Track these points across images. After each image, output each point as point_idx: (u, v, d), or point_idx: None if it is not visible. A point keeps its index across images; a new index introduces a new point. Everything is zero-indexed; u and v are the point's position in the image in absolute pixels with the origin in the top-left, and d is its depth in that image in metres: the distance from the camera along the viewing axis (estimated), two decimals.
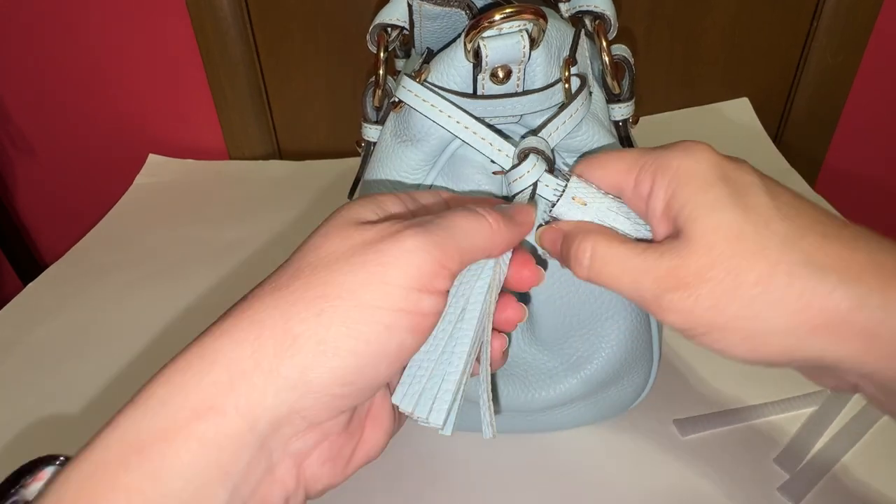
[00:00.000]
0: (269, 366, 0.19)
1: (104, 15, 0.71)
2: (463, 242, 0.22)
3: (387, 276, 0.20)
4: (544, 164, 0.28)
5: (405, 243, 0.21)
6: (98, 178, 0.82)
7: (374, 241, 0.21)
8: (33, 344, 0.50)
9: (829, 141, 0.80)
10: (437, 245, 0.21)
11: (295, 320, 0.20)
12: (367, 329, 0.20)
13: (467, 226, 0.23)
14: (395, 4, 0.33)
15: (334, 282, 0.20)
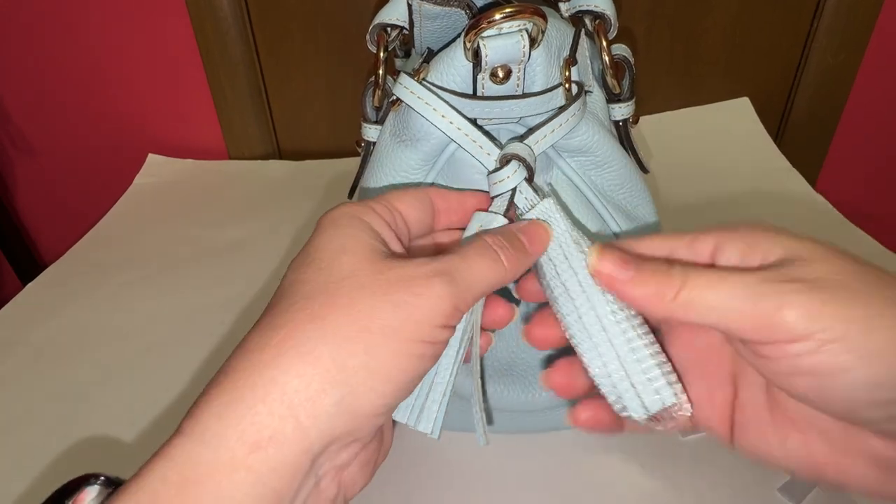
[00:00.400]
0: (323, 397, 0.21)
1: (104, 15, 0.71)
2: (479, 287, 0.24)
3: (420, 317, 0.22)
4: (524, 171, 0.28)
5: (435, 290, 0.23)
6: (98, 178, 0.82)
7: (408, 282, 0.23)
8: (33, 344, 0.50)
9: (830, 141, 0.80)
10: (458, 294, 0.23)
11: (345, 354, 0.21)
12: (405, 360, 0.22)
13: (486, 270, 0.24)
14: (395, 4, 0.33)
15: (376, 317, 0.22)
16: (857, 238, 0.56)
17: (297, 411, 0.20)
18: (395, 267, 0.23)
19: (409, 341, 0.22)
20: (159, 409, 0.43)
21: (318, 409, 0.21)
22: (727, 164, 0.68)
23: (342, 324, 0.22)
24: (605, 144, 0.32)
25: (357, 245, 0.24)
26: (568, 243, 0.26)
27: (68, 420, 0.43)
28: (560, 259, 0.26)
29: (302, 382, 0.21)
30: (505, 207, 0.28)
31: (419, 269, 0.23)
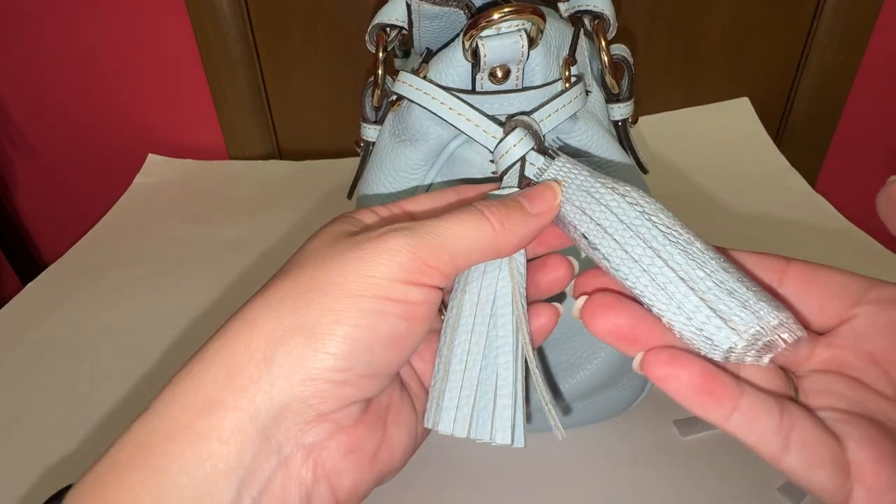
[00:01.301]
0: (262, 357, 0.20)
1: (104, 15, 0.71)
2: (457, 245, 0.22)
3: (370, 270, 0.21)
4: (531, 140, 0.27)
5: (389, 242, 0.21)
6: (98, 178, 0.82)
7: (360, 241, 0.22)
8: (33, 344, 0.50)
9: (830, 141, 0.80)
10: (423, 245, 0.21)
11: (285, 312, 0.21)
12: (356, 315, 0.21)
13: (464, 227, 0.22)
14: (394, 4, 0.33)
15: (321, 277, 0.21)
16: (857, 238, 0.56)
17: (235, 375, 0.20)
18: (353, 236, 0.22)
19: (359, 297, 0.21)
20: None
21: (259, 371, 0.20)
22: (727, 164, 0.68)
23: (286, 288, 0.21)
24: (605, 144, 0.32)
25: (328, 231, 0.24)
26: (593, 185, 0.24)
27: (68, 420, 0.43)
28: (588, 202, 0.23)
29: (240, 347, 0.20)
30: (517, 180, 0.26)
31: (376, 231, 0.22)
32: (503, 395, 0.23)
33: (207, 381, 0.20)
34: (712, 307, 0.19)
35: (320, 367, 0.20)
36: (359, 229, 0.24)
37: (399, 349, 0.22)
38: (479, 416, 0.22)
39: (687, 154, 0.69)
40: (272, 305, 0.21)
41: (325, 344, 0.20)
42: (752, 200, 0.62)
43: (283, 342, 0.20)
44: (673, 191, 0.63)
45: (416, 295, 0.21)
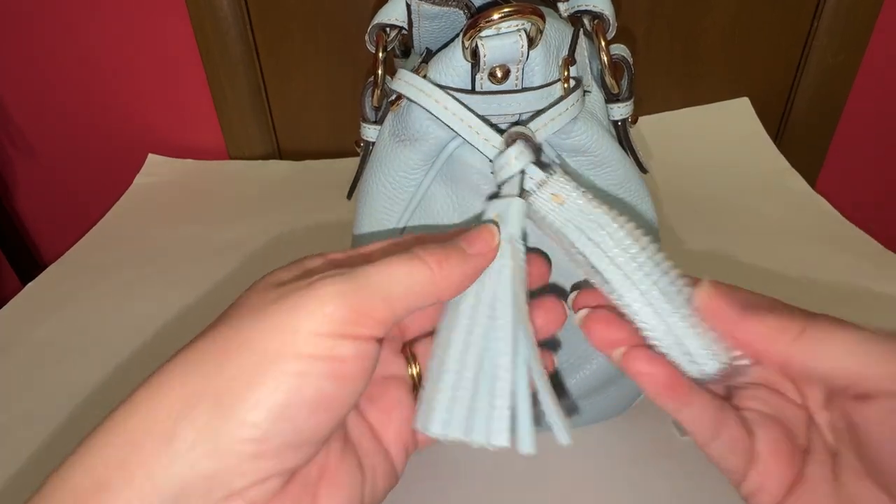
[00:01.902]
0: (163, 429, 0.18)
1: (104, 15, 0.71)
2: (392, 289, 0.20)
3: (293, 325, 0.19)
4: (531, 152, 0.27)
5: (317, 291, 0.19)
6: (98, 178, 0.82)
7: (287, 291, 0.20)
8: (33, 344, 0.50)
9: (830, 141, 0.80)
10: (355, 292, 0.20)
11: (194, 376, 0.18)
12: (273, 378, 0.18)
13: (398, 271, 0.21)
14: (394, 4, 0.33)
15: (238, 336, 0.19)
16: (857, 238, 0.56)
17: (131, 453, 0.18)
18: (282, 287, 0.20)
19: (278, 356, 0.18)
20: None
21: (157, 447, 0.18)
22: (727, 164, 0.68)
23: (199, 350, 0.19)
24: (604, 144, 0.32)
25: (263, 280, 0.22)
26: (585, 221, 0.24)
27: (68, 420, 0.43)
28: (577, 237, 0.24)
29: (142, 421, 0.18)
30: (517, 191, 0.26)
31: (306, 279, 0.20)
32: (501, 396, 0.22)
33: (100, 459, 0.18)
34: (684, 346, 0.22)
35: (229, 439, 0.18)
36: (293, 277, 0.22)
37: (328, 413, 0.20)
38: (475, 418, 0.22)
39: (687, 154, 0.69)
40: (181, 370, 0.19)
41: (235, 412, 0.18)
42: (752, 200, 0.62)
43: (188, 411, 0.18)
44: (673, 191, 0.63)
45: (348, 349, 0.19)
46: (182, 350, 0.20)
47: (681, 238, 0.55)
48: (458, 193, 0.32)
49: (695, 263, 0.51)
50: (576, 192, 0.25)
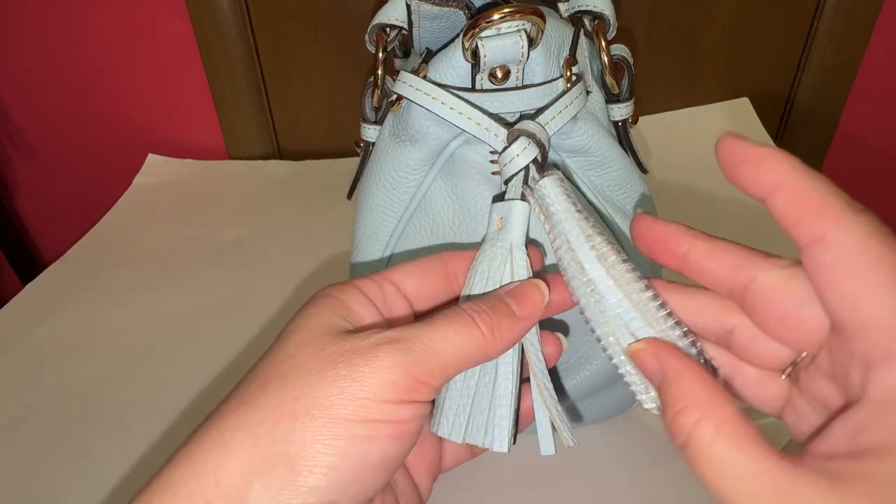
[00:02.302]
0: (236, 492, 0.18)
1: (104, 15, 0.71)
2: (447, 357, 0.21)
3: (360, 392, 0.19)
4: (536, 148, 0.27)
5: (381, 360, 0.20)
6: (98, 178, 0.82)
7: (349, 354, 0.20)
8: (33, 344, 0.50)
9: (830, 141, 0.80)
10: (415, 363, 0.20)
11: (264, 439, 0.19)
12: (344, 443, 0.19)
13: (457, 338, 0.21)
14: (394, 4, 0.33)
15: (305, 396, 0.19)
16: None
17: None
18: (341, 341, 0.21)
19: (347, 421, 0.19)
20: (159, 409, 0.43)
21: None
22: None
23: (265, 407, 0.19)
24: (604, 144, 0.32)
25: (311, 322, 0.22)
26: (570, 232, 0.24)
27: (68, 420, 0.43)
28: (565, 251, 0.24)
29: (209, 478, 0.18)
30: (520, 192, 0.26)
31: (366, 340, 0.20)
32: (502, 405, 0.23)
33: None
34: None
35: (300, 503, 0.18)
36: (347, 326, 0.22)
37: (389, 470, 0.21)
38: (474, 424, 0.23)
39: (687, 154, 0.69)
40: (249, 428, 0.19)
41: (308, 477, 0.18)
42: (752, 200, 0.61)
43: (260, 475, 0.18)
44: (673, 191, 0.63)
45: (407, 413, 0.20)
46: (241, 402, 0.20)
47: None
48: (459, 193, 0.32)
49: None
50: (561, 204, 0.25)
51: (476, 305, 0.22)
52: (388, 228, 0.33)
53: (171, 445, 0.41)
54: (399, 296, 0.24)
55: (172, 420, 0.42)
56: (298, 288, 0.53)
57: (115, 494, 0.37)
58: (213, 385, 0.44)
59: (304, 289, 0.53)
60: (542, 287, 0.24)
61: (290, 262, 0.56)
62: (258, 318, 0.50)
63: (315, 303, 0.23)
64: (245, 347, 0.47)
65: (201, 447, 0.19)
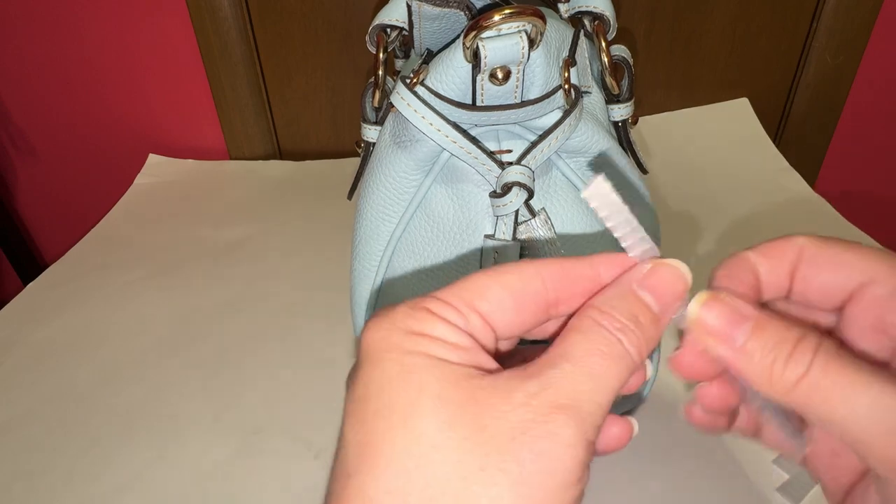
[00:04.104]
0: None
1: (104, 15, 0.71)
2: (608, 401, 0.17)
3: (550, 483, 0.15)
4: (525, 193, 0.30)
5: (562, 438, 0.16)
6: (98, 178, 0.82)
7: (519, 432, 0.15)
8: (33, 344, 0.50)
9: (829, 141, 0.80)
10: (591, 427, 0.16)
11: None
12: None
13: (613, 377, 0.17)
14: (395, 5, 0.33)
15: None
16: (857, 238, 0.56)
17: None
18: (496, 410, 0.16)
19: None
20: (159, 409, 0.43)
21: None
22: (727, 165, 0.68)
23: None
24: (605, 145, 0.32)
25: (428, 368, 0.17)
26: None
27: (68, 420, 0.43)
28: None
29: None
30: (512, 231, 0.30)
31: (529, 407, 0.16)
32: None
33: None
34: None
35: None
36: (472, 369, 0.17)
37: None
38: None
39: (687, 154, 0.69)
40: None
41: None
42: (752, 200, 0.62)
43: None
44: (673, 191, 0.63)
45: (579, 489, 0.16)
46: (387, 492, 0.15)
47: (681, 238, 0.55)
48: (459, 194, 0.32)
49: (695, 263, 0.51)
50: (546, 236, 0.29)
51: (617, 321, 0.18)
52: (389, 229, 0.33)
53: (172, 445, 0.41)
54: (485, 329, 0.19)
55: (173, 420, 0.42)
56: (298, 288, 0.53)
57: (116, 495, 0.37)
58: (213, 385, 0.44)
59: (305, 289, 0.53)
60: (680, 270, 0.19)
61: (290, 262, 0.56)
62: (258, 318, 0.50)
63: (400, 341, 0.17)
64: (245, 347, 0.47)
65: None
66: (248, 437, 0.40)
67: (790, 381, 0.17)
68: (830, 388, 0.16)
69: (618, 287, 0.19)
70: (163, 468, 0.39)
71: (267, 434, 0.41)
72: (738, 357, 0.18)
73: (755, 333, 0.18)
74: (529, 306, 0.19)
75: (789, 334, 0.17)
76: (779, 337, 0.17)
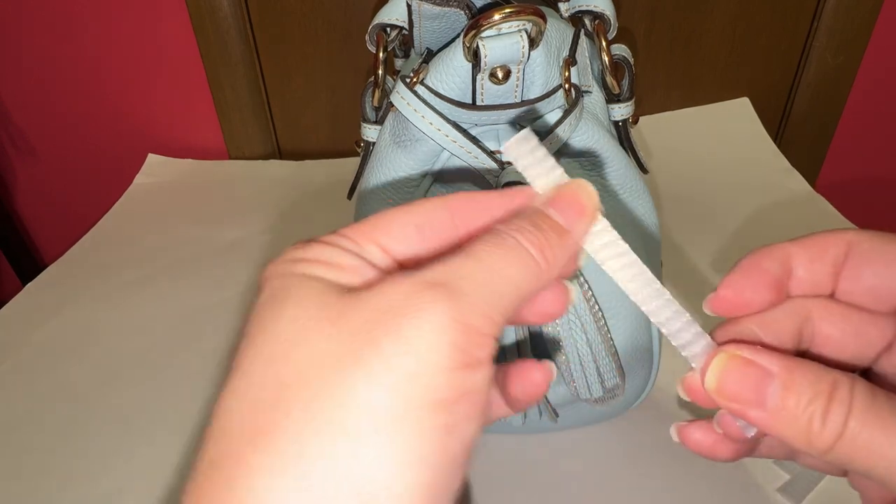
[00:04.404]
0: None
1: (104, 15, 0.71)
2: (505, 298, 0.16)
3: (418, 366, 0.14)
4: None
5: (429, 314, 0.14)
6: (98, 178, 0.82)
7: (382, 315, 0.14)
8: (33, 344, 0.50)
9: (830, 141, 0.80)
10: (471, 309, 0.15)
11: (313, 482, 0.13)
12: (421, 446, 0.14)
13: (507, 270, 0.16)
14: (395, 4, 0.33)
15: (352, 402, 0.13)
16: None
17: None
18: (359, 301, 0.15)
19: (417, 417, 0.14)
20: (159, 409, 0.43)
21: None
22: (727, 164, 0.67)
23: (299, 435, 0.13)
24: (605, 145, 0.32)
25: (307, 295, 0.15)
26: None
27: (68, 420, 0.43)
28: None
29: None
30: None
31: (395, 290, 0.15)
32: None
33: None
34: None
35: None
36: (352, 281, 0.16)
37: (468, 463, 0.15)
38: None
39: (687, 154, 0.69)
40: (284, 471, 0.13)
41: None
42: (752, 200, 0.62)
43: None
44: (673, 191, 0.63)
45: (479, 379, 0.15)
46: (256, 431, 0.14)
47: (681, 238, 0.55)
48: None
49: (695, 264, 0.51)
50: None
51: (515, 224, 0.17)
52: None
53: (171, 445, 0.40)
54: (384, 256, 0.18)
55: (172, 420, 0.42)
56: None
57: (115, 495, 0.37)
58: (213, 385, 0.44)
59: None
60: (585, 186, 0.18)
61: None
62: None
63: (282, 271, 0.17)
64: None
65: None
66: None
67: (830, 439, 0.16)
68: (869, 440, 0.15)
69: (524, 209, 0.18)
70: (162, 468, 0.39)
71: None
72: (773, 420, 0.17)
73: (785, 393, 0.16)
74: (435, 236, 0.18)
75: (822, 387, 0.16)
76: (812, 392, 0.16)
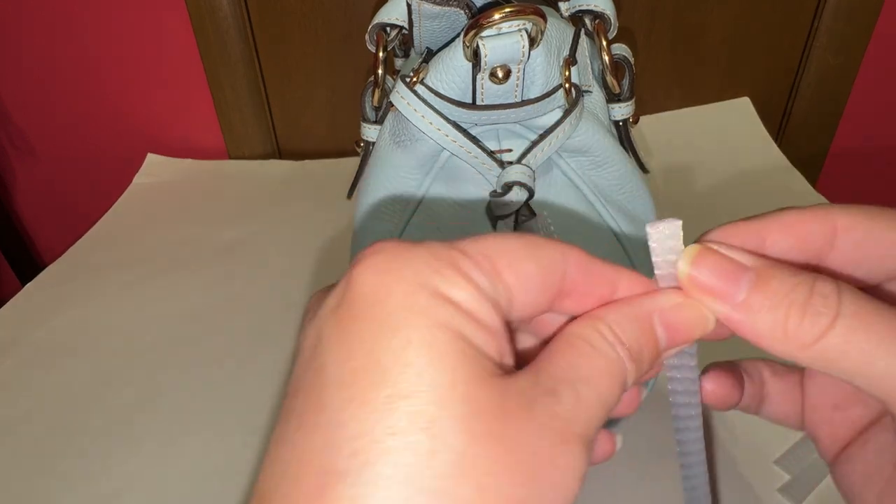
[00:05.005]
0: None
1: (103, 15, 0.71)
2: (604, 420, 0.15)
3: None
4: (526, 192, 0.30)
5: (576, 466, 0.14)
6: (98, 178, 0.82)
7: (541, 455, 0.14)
8: (32, 344, 0.49)
9: (830, 141, 0.80)
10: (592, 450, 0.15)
11: None
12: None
13: (613, 402, 0.15)
14: (394, 4, 0.33)
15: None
16: None
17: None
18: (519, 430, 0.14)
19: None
20: (159, 409, 0.43)
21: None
22: (727, 164, 0.67)
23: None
24: (605, 144, 0.32)
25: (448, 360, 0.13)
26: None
27: (68, 420, 0.43)
28: None
29: None
30: (513, 224, 0.30)
31: (551, 430, 0.14)
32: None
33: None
34: None
35: None
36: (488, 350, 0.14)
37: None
38: None
39: (687, 154, 0.69)
40: None
41: None
42: (752, 200, 0.62)
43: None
44: (673, 191, 0.63)
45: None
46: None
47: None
48: (460, 193, 0.32)
49: None
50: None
51: (625, 337, 0.16)
52: (389, 228, 0.33)
53: (171, 445, 0.40)
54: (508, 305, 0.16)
55: (172, 420, 0.42)
56: (298, 288, 0.53)
57: (115, 495, 0.37)
58: (213, 385, 0.44)
59: (304, 288, 0.53)
60: (707, 316, 0.17)
61: (291, 262, 0.56)
62: (258, 318, 0.50)
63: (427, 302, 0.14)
64: (245, 347, 0.47)
65: None
66: (249, 437, 0.40)
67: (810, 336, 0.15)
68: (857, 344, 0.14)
69: (635, 308, 0.17)
70: (163, 468, 0.39)
71: (267, 434, 0.40)
72: (742, 314, 0.15)
73: (759, 285, 0.15)
74: (549, 290, 0.16)
75: (803, 279, 0.15)
76: (788, 286, 0.15)
